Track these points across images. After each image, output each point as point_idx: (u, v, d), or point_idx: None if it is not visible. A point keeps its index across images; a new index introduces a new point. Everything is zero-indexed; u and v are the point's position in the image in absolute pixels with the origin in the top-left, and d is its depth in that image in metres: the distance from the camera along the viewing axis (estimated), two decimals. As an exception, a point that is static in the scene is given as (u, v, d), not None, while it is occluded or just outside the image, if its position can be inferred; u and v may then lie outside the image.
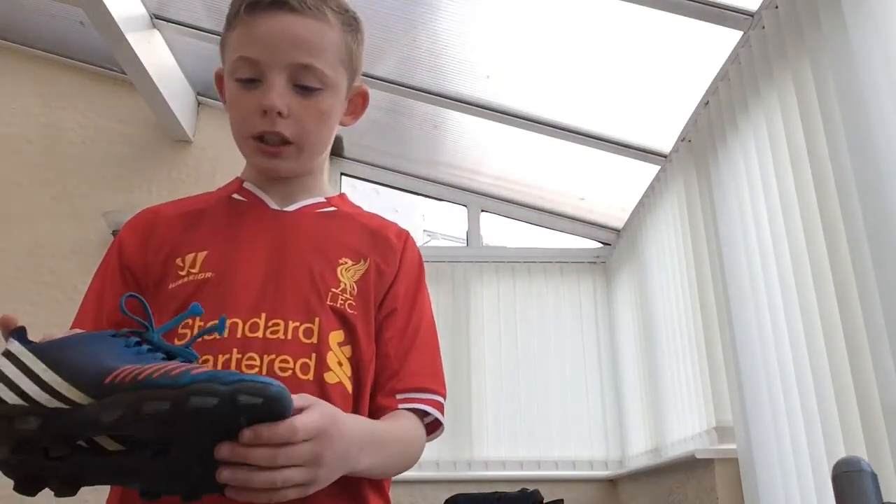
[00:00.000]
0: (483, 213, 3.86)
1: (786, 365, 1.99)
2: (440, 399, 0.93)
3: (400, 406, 0.90)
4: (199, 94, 3.50)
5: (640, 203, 3.28)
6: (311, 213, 0.99)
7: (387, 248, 0.99)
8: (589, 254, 3.78)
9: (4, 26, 3.45)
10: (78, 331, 0.78)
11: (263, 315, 0.86)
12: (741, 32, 2.19)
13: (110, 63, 3.37)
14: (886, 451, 1.54)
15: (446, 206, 3.89)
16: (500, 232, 3.91)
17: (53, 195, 3.41)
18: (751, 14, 2.14)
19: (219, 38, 0.99)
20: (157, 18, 3.03)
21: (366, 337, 0.91)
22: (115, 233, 3.24)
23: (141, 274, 0.92)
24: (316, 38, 0.91)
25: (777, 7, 1.99)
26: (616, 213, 3.58)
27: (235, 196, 0.99)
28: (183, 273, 0.89)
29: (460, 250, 3.82)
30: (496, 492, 2.98)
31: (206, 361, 0.82)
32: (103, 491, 0.82)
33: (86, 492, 0.68)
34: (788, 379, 1.98)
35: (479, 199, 3.82)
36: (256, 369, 0.83)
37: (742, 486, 2.21)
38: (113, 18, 2.67)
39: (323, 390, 0.84)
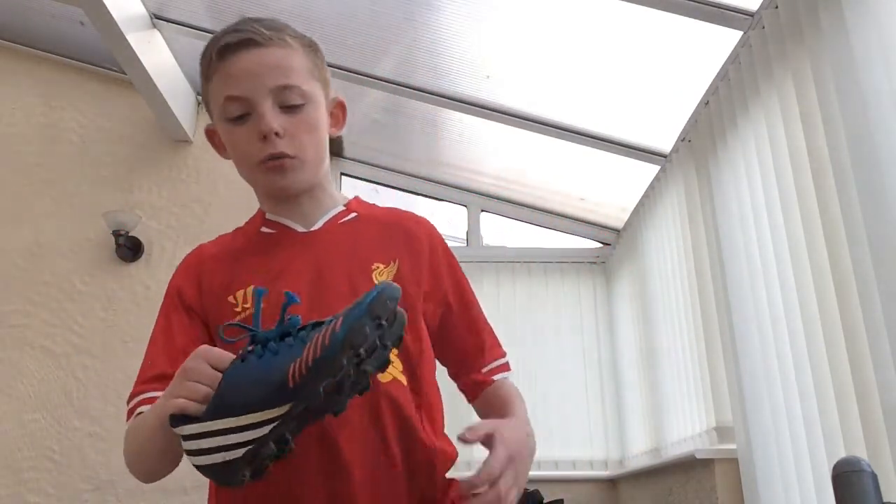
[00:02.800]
0: (483, 213, 3.85)
1: (786, 365, 1.99)
2: (507, 360, 1.13)
3: (492, 377, 1.09)
4: (199, 94, 3.50)
5: (640, 203, 3.28)
6: (335, 225, 1.06)
7: (411, 241, 1.07)
8: (589, 254, 3.77)
9: (4, 26, 3.45)
10: (153, 404, 0.88)
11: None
12: (741, 32, 2.19)
13: (110, 63, 3.37)
14: (886, 451, 1.55)
15: (446, 206, 3.88)
16: (500, 232, 3.91)
17: (53, 195, 3.41)
18: (751, 14, 2.13)
19: (219, 37, 1.02)
20: (157, 18, 3.03)
21: (411, 333, 0.97)
22: (114, 232, 3.25)
23: (202, 313, 1.01)
24: (286, 61, 1.00)
25: (777, 7, 1.99)
26: (616, 213, 3.58)
27: (264, 230, 1.07)
28: (238, 310, 0.98)
29: (460, 250, 3.79)
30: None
31: None
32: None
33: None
34: (788, 379, 1.98)
35: (479, 199, 3.82)
36: None
37: (742, 486, 2.21)
38: (113, 18, 2.67)
39: (377, 388, 0.93)
